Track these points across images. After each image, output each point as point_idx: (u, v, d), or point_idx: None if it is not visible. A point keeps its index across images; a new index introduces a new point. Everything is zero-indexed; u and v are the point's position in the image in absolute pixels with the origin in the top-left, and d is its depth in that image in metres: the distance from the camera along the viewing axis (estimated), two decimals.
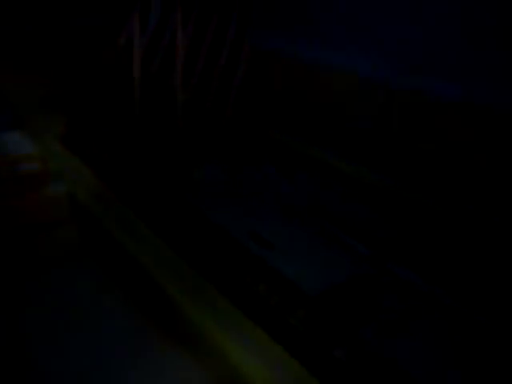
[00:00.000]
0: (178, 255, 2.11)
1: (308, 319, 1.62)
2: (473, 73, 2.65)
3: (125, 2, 3.42)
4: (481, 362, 1.38)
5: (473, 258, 2.17)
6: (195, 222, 2.13)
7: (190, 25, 3.40)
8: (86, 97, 3.65)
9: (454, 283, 1.89)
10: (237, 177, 2.58)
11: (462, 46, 2.69)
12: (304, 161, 3.25)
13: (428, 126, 2.80)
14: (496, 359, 1.39)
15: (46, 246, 2.48)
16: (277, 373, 1.58)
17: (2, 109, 3.29)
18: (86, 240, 2.53)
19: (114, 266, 2.34)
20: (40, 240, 2.51)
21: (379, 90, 3.04)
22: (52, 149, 3.06)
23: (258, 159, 3.15)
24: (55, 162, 2.87)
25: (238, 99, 3.46)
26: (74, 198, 2.65)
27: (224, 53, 3.29)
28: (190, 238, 2.17)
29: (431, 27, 2.83)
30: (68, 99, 3.69)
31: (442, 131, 2.71)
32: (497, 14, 2.48)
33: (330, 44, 3.50)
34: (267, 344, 1.67)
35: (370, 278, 1.75)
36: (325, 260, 1.80)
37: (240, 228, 1.96)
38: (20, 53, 3.75)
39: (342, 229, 2.19)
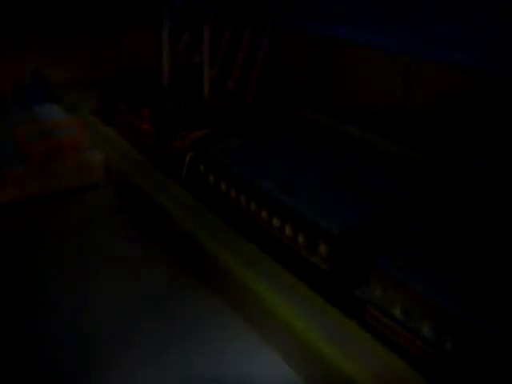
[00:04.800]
0: (207, 208, 2.30)
1: (329, 256, 1.78)
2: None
3: None
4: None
5: (484, 213, 2.31)
6: (225, 177, 2.30)
7: (215, 5, 3.56)
8: (119, 74, 3.86)
9: (466, 239, 2.03)
10: (262, 144, 2.73)
11: None
12: (323, 132, 3.40)
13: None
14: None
15: (87, 205, 2.68)
16: (302, 307, 1.74)
17: (41, 83, 3.49)
18: (122, 198, 2.72)
19: (148, 220, 2.53)
20: (81, 200, 2.71)
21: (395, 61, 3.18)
22: (88, 120, 3.25)
23: (281, 130, 3.34)
24: (91, 132, 3.05)
25: (262, 75, 3.61)
26: (110, 163, 2.84)
27: (247, 32, 3.46)
28: (218, 192, 2.35)
29: None
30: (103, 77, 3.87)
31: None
32: None
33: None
34: (293, 283, 1.85)
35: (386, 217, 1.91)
36: (344, 206, 1.96)
37: (266, 181, 2.13)
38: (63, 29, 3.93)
39: (361, 190, 2.35)
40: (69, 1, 3.85)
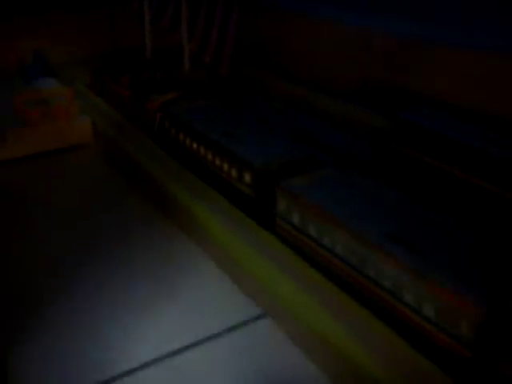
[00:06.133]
0: (171, 156, 2.76)
1: (253, 185, 2.24)
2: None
3: None
4: None
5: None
6: (183, 129, 2.76)
7: None
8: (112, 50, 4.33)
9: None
10: (228, 105, 3.18)
11: None
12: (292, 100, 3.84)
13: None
14: None
15: (76, 161, 3.16)
16: (236, 227, 2.20)
17: (41, 62, 3.98)
18: (107, 155, 3.19)
19: (131, 174, 2.99)
20: (72, 157, 3.20)
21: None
22: (81, 91, 3.73)
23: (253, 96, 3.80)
24: (83, 101, 3.53)
25: (234, 50, 4.05)
26: (97, 126, 3.31)
27: (218, 9, 3.90)
28: (178, 142, 2.81)
29: None
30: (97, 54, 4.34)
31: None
32: None
33: None
34: (229, 208, 2.30)
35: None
36: (278, 149, 2.40)
37: (215, 131, 2.58)
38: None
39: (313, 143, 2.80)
40: None
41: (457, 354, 1.50)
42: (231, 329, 1.91)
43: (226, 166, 2.39)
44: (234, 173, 2.34)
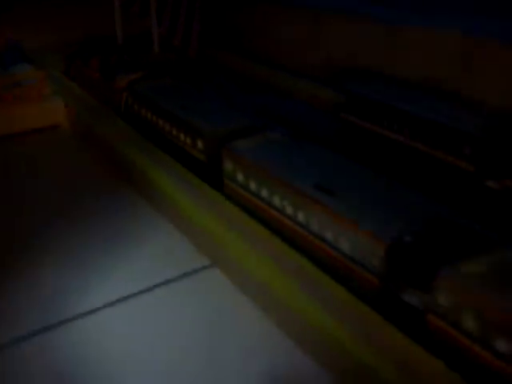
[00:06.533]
0: (135, 129, 2.96)
1: (204, 150, 2.45)
2: None
3: None
4: None
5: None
6: (149, 107, 2.96)
7: None
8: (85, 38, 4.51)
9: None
10: (192, 83, 3.37)
11: None
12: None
13: None
14: None
15: (49, 140, 3.36)
16: (189, 189, 2.40)
17: (17, 49, 4.16)
18: (79, 135, 3.39)
19: (100, 150, 3.19)
20: (46, 136, 3.39)
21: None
22: (56, 77, 3.92)
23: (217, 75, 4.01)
24: (57, 85, 3.72)
25: (202, 33, 4.26)
26: (69, 108, 3.51)
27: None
28: (140, 116, 3.02)
29: None
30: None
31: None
32: None
33: None
34: (183, 172, 2.50)
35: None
36: (229, 118, 2.61)
37: (173, 104, 2.79)
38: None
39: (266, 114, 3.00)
40: None
41: (368, 282, 1.71)
42: (182, 276, 2.13)
43: (182, 136, 2.60)
44: (188, 141, 2.54)
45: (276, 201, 2.05)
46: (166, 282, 2.09)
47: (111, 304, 1.99)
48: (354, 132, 2.91)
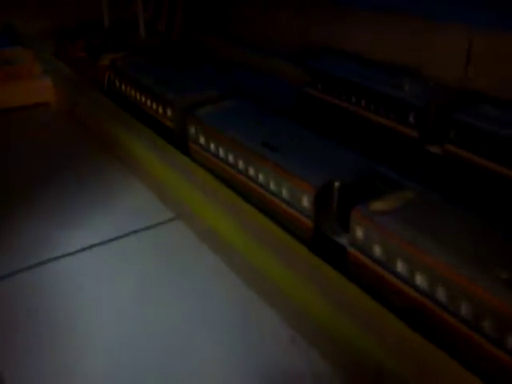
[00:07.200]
0: (117, 105, 3.22)
1: (173, 118, 2.71)
2: None
3: None
4: None
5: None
6: (128, 82, 3.22)
7: None
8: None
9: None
10: (171, 63, 3.63)
11: None
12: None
13: None
14: None
15: (40, 117, 3.62)
16: (161, 155, 2.67)
17: (9, 32, 4.42)
18: (66, 112, 3.65)
19: (85, 124, 3.46)
20: (36, 113, 3.65)
21: None
22: (46, 59, 4.18)
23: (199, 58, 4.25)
24: (47, 66, 3.98)
25: (185, 18, 4.51)
26: (58, 86, 3.76)
27: None
28: (121, 92, 3.27)
29: None
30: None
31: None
32: None
33: None
34: (155, 138, 2.76)
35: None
36: (197, 91, 2.86)
37: (148, 79, 3.04)
38: None
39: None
40: None
41: (304, 225, 1.98)
42: (149, 227, 2.40)
43: (155, 106, 2.86)
44: (160, 110, 2.81)
45: (230, 158, 2.31)
46: (135, 232, 2.37)
47: (87, 248, 2.27)
48: (314, 103, 3.17)
